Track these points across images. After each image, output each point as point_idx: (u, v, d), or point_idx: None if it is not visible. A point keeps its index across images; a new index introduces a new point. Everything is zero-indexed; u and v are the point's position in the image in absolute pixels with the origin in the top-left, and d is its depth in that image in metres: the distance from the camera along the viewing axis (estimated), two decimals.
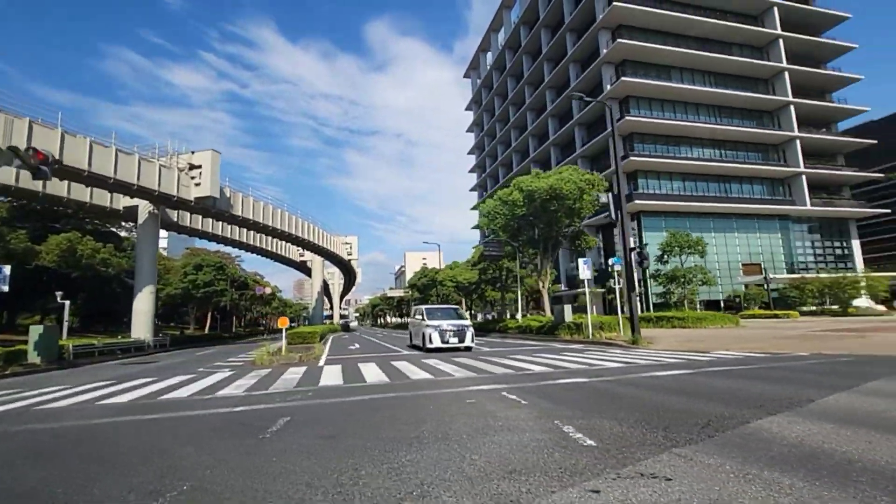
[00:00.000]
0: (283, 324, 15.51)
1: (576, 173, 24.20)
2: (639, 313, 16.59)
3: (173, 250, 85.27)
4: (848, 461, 3.06)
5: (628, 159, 42.44)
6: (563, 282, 48.02)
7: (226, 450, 3.99)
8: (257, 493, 2.92)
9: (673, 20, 45.26)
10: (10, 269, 14.56)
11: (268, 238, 46.62)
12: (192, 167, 28.23)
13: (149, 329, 28.51)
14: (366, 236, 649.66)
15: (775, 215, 47.60)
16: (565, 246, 29.94)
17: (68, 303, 24.32)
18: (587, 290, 18.62)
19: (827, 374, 7.24)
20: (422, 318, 16.27)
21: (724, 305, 41.94)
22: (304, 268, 65.61)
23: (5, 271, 14.32)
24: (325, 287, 68.14)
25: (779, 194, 48.34)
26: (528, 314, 39.01)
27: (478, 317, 57.63)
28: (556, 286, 42.43)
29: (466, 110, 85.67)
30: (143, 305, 28.83)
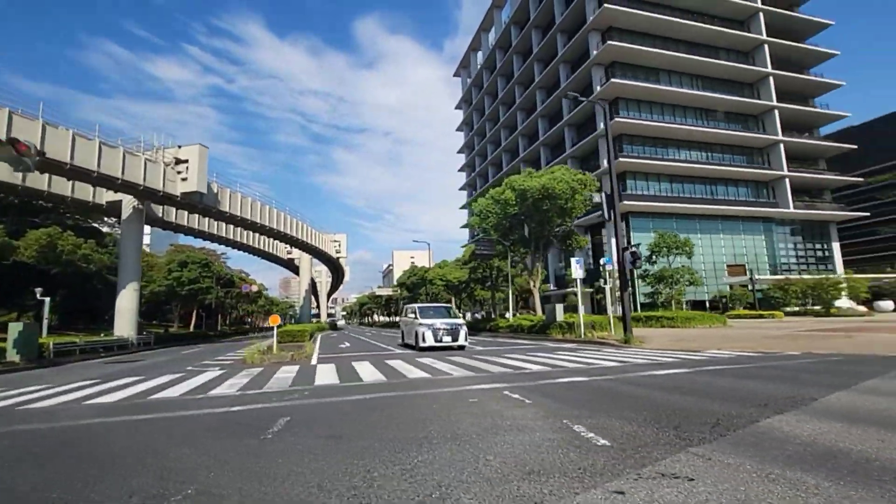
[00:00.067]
0: (275, 322, 15.23)
1: (568, 173, 24.26)
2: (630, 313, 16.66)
3: (157, 247, 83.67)
4: (866, 460, 3.05)
5: (617, 160, 42.73)
6: (552, 282, 48.32)
7: (227, 451, 3.85)
8: (266, 497, 2.80)
9: (662, 23, 45.77)
10: None
11: (255, 235, 45.98)
12: (179, 162, 27.66)
13: (132, 327, 27.86)
14: (353, 234, 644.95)
15: (759, 217, 48.46)
16: (556, 245, 30.04)
17: (48, 299, 23.62)
18: (579, 289, 18.68)
19: (822, 372, 7.32)
20: (415, 316, 16.24)
21: (710, 305, 42.58)
22: (291, 266, 64.91)
23: None
24: (312, 285, 67.44)
25: (763, 197, 49.25)
26: (518, 314, 39.08)
27: (467, 316, 57.51)
28: (545, 286, 42.64)
29: (456, 109, 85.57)
30: (126, 303, 28.16)
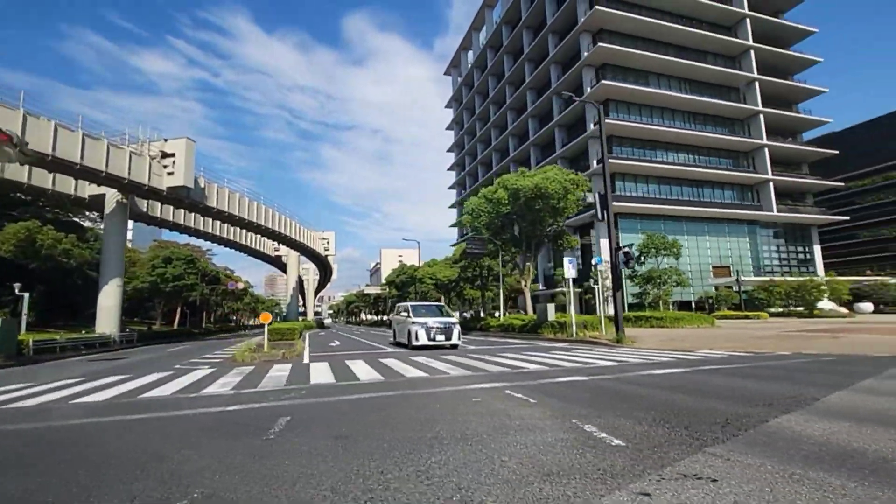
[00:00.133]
0: (266, 319, 14.98)
1: (561, 173, 24.35)
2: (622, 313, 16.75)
3: (139, 242, 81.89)
4: (883, 459, 3.05)
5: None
6: (541, 281, 48.54)
7: (230, 452, 3.70)
8: (279, 500, 2.68)
9: (652, 27, 46.26)
10: None
11: (242, 231, 45.34)
12: (165, 155, 27.09)
13: (115, 324, 27.22)
14: (340, 232, 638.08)
15: (744, 220, 49.31)
16: (548, 245, 30.15)
17: (27, 295, 22.90)
18: (571, 289, 18.73)
19: (816, 372, 7.41)
20: (407, 314, 16.14)
21: (696, 306, 43.21)
22: (278, 263, 64.14)
23: None
24: (299, 283, 66.73)
25: (748, 200, 50.16)
26: (507, 313, 39.15)
27: (456, 315, 57.56)
28: (534, 285, 42.78)
29: (446, 108, 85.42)
30: (109, 299, 27.51)
